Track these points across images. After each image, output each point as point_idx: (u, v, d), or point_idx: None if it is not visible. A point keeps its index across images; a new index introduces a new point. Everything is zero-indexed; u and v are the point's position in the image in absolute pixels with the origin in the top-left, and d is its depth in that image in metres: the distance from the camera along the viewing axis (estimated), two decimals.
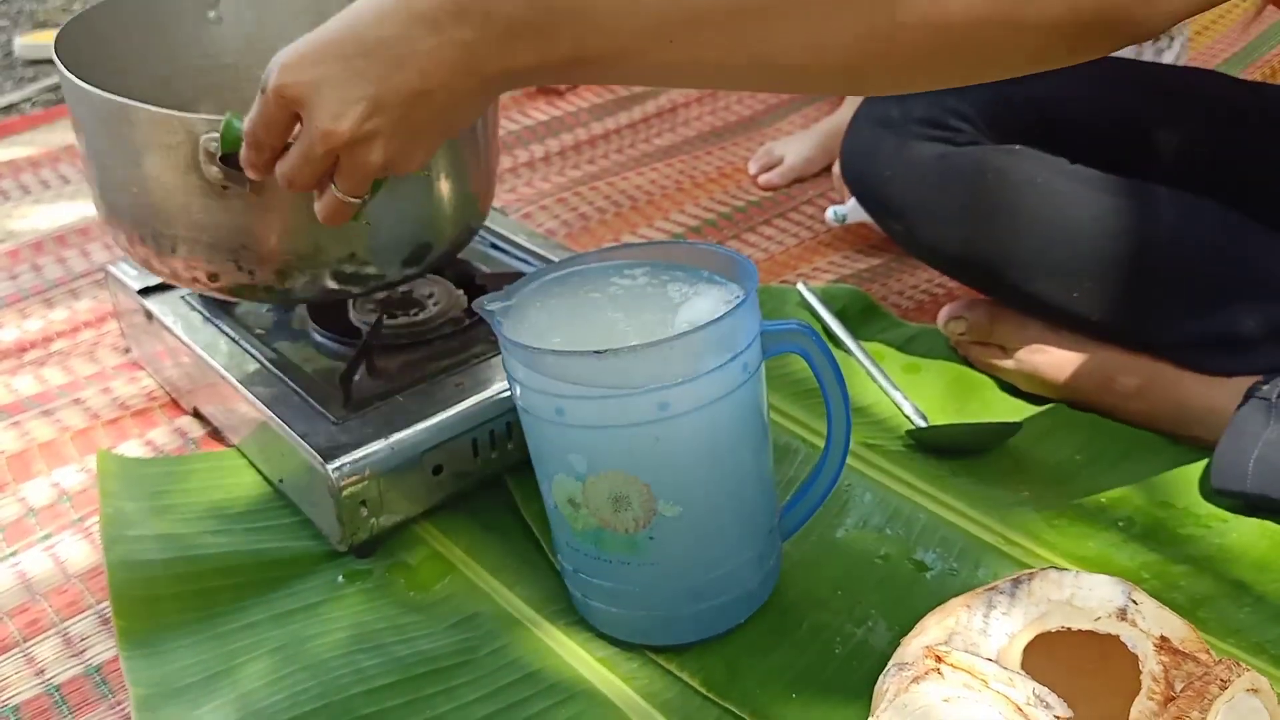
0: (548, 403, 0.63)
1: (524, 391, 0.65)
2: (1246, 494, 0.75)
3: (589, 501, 0.64)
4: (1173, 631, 0.50)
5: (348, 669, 0.68)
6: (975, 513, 0.77)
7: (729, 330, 0.62)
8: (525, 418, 0.66)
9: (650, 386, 0.61)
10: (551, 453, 0.65)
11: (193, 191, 0.72)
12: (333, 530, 0.75)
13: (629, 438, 0.62)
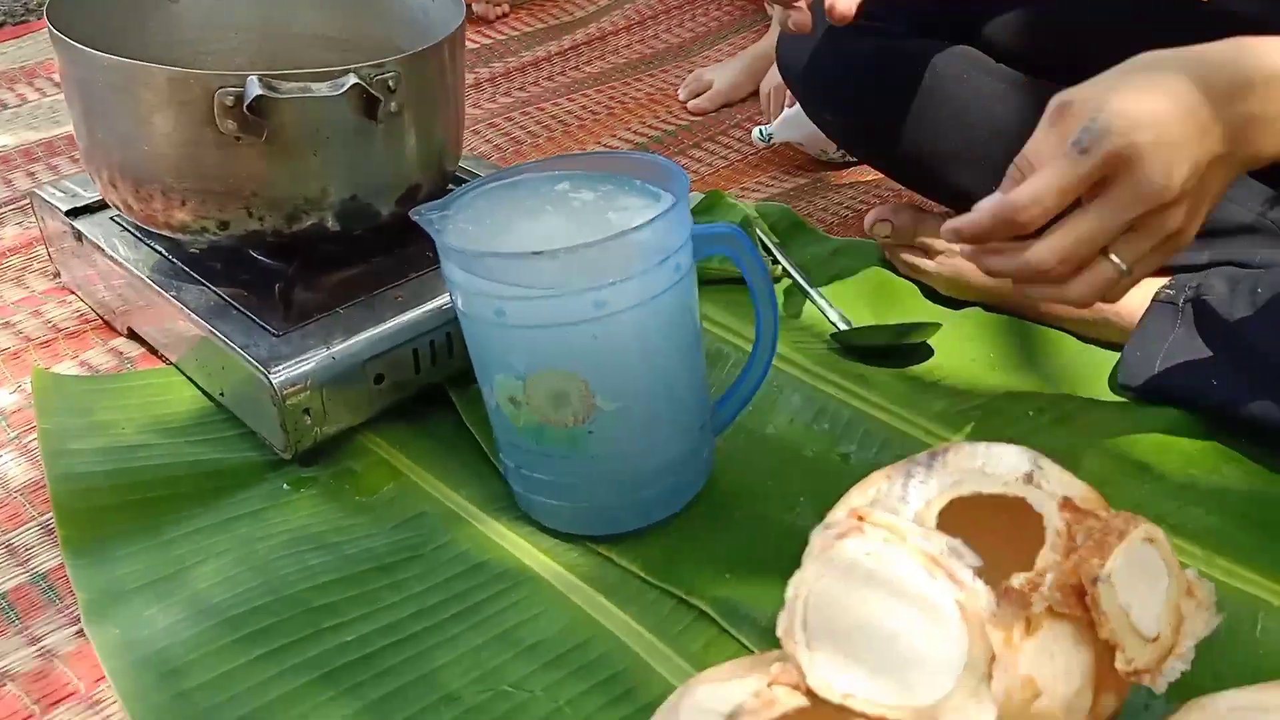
0: (487, 305, 0.65)
1: (464, 296, 0.66)
2: (1151, 392, 0.80)
3: (530, 399, 0.66)
4: (1075, 492, 0.54)
5: (295, 567, 0.70)
6: (896, 407, 0.81)
7: (661, 232, 0.65)
8: (465, 321, 0.68)
9: (587, 286, 0.63)
10: (492, 354, 0.67)
11: (207, 144, 0.75)
12: (277, 439, 0.77)
13: (567, 336, 0.65)
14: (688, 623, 0.66)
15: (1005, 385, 0.83)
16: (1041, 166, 0.56)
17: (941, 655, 0.44)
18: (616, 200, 0.70)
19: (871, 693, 0.43)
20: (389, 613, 0.67)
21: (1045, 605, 0.49)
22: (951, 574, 0.45)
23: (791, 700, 0.44)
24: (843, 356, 0.87)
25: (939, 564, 0.46)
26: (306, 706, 0.61)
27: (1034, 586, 0.49)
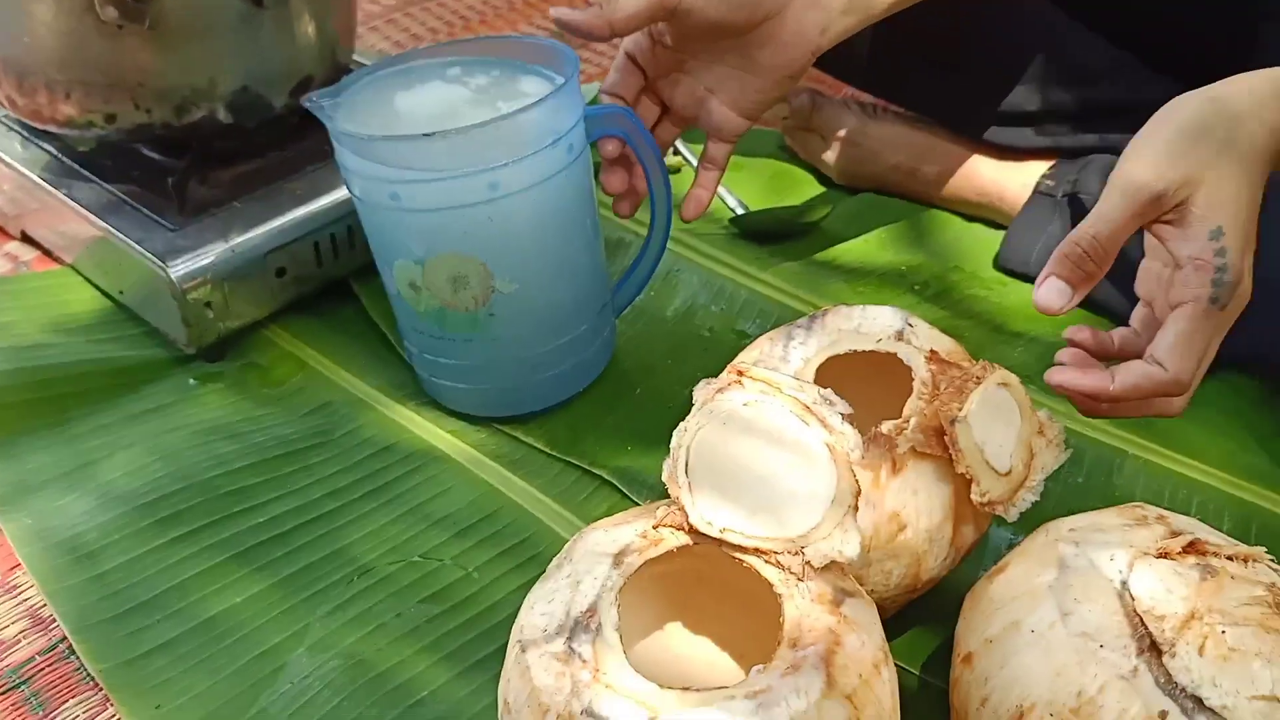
0: (382, 189, 0.65)
1: (358, 182, 0.67)
2: (1029, 276, 0.84)
3: (429, 283, 0.67)
4: (941, 346, 0.58)
5: (205, 456, 0.71)
6: (790, 287, 0.84)
7: (552, 112, 0.66)
8: (362, 208, 0.69)
9: (479, 168, 0.64)
10: (390, 239, 0.68)
11: (89, 34, 0.73)
12: (179, 334, 0.77)
13: (463, 219, 0.66)
14: (590, 490, 0.69)
15: (894, 263, 0.87)
16: (1179, 310, 0.53)
17: (811, 492, 0.47)
18: (508, 84, 0.70)
19: (748, 527, 0.47)
20: (300, 495, 0.69)
21: (909, 446, 0.52)
22: (822, 420, 0.49)
23: (675, 539, 0.48)
24: (741, 240, 0.90)
25: (811, 411, 0.49)
26: (220, 584, 0.63)
27: (900, 431, 0.53)
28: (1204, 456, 0.70)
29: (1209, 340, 0.53)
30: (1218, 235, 0.52)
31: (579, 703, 0.42)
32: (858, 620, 0.45)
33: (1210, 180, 0.52)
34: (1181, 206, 0.52)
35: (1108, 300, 0.78)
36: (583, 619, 0.45)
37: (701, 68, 0.70)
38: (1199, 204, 0.52)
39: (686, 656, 0.54)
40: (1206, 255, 0.52)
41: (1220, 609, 0.45)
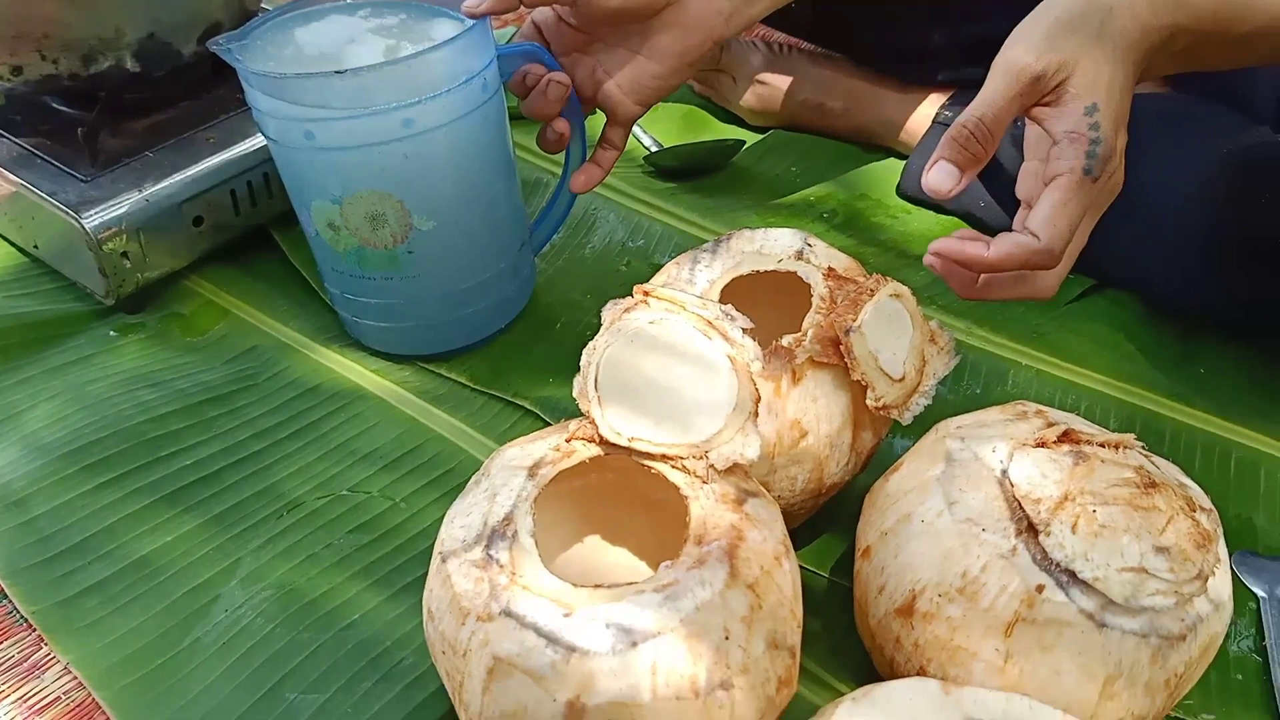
0: (296, 129, 0.66)
1: (272, 123, 0.68)
2: (928, 203, 0.87)
3: (347, 222, 0.69)
4: (838, 263, 0.60)
5: (130, 404, 0.72)
6: (704, 220, 0.87)
7: (465, 50, 0.67)
8: (277, 149, 0.70)
9: (393, 104, 0.65)
10: (306, 180, 0.69)
11: None
12: (97, 285, 0.77)
13: (379, 156, 0.66)
14: (513, 421, 0.71)
15: (803, 194, 0.90)
16: (1053, 182, 0.54)
17: (714, 400, 0.50)
18: (417, 26, 0.71)
19: (655, 435, 0.49)
20: (227, 437, 0.70)
21: (808, 357, 0.55)
22: (724, 333, 0.51)
23: (587, 450, 0.50)
24: (656, 178, 0.92)
25: (713, 326, 0.51)
26: (150, 525, 0.64)
27: (799, 343, 0.56)
28: (1090, 365, 0.74)
29: (1082, 212, 0.54)
30: (1092, 111, 0.53)
31: (497, 604, 0.44)
32: (759, 517, 0.48)
33: (1085, 64, 0.54)
34: (1059, 89, 0.54)
35: (992, 220, 0.81)
36: (499, 527, 0.47)
37: (603, 49, 0.72)
38: (1075, 84, 0.53)
39: (605, 564, 0.57)
40: (1081, 129, 0.53)
41: (1091, 490, 0.49)
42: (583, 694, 0.43)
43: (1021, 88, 0.54)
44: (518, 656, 0.43)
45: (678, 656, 0.43)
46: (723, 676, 0.44)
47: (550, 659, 0.43)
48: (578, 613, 0.44)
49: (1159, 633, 0.47)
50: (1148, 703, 0.48)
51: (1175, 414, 0.71)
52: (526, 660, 0.43)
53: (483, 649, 0.44)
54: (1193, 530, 0.48)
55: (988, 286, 0.58)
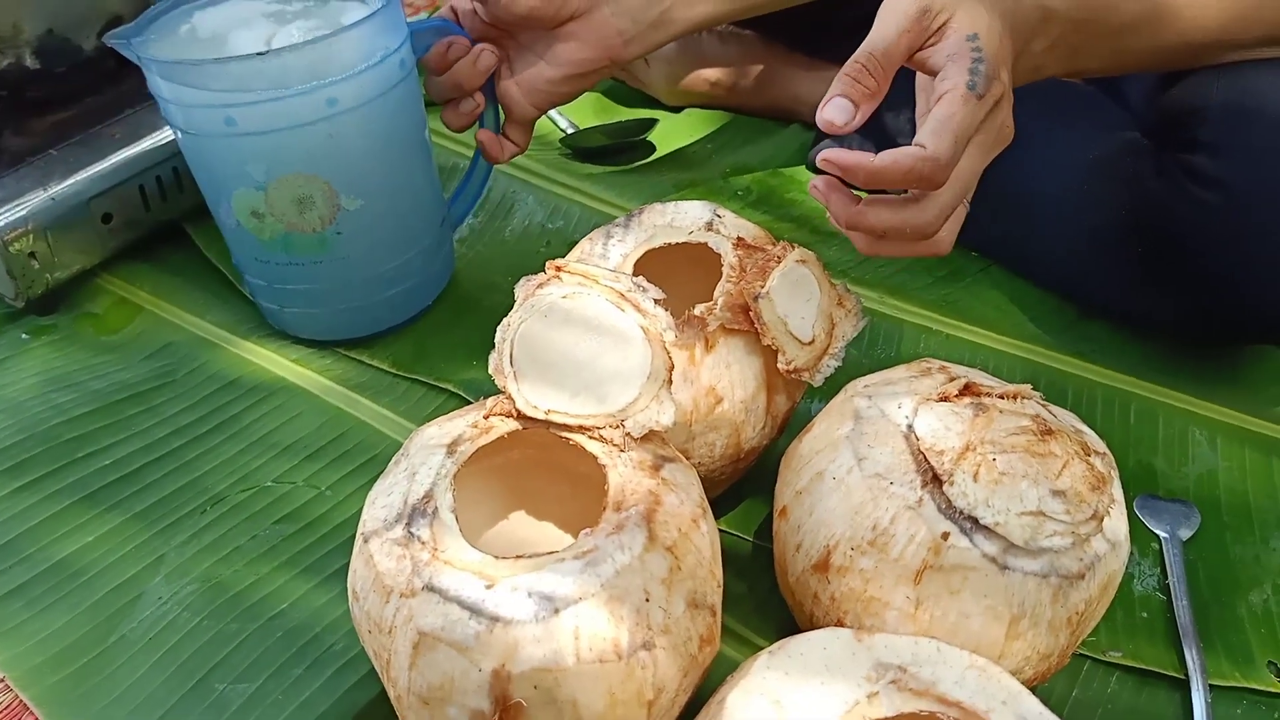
0: (215, 115, 0.65)
1: (185, 112, 0.67)
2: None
3: (273, 208, 0.68)
4: (747, 232, 0.62)
5: (44, 406, 0.71)
6: (621, 200, 0.88)
7: (381, 27, 0.66)
8: (191, 141, 0.69)
9: (317, 84, 0.64)
10: (227, 168, 0.68)
11: None
12: (6, 288, 0.76)
13: (304, 137, 0.66)
14: (437, 404, 0.72)
15: (718, 171, 0.91)
16: (940, 99, 0.53)
17: (628, 371, 0.51)
18: (318, 9, 0.70)
19: (572, 407, 0.50)
20: (146, 435, 0.69)
21: (719, 324, 0.57)
22: (636, 305, 0.52)
23: (505, 426, 0.51)
24: (574, 160, 0.93)
25: (625, 298, 0.52)
26: (70, 526, 0.64)
27: (710, 311, 0.57)
28: (996, 328, 0.77)
29: (969, 128, 0.53)
30: (974, 38, 0.54)
31: (419, 580, 0.45)
32: (676, 482, 0.49)
33: (965, 6, 0.55)
34: (942, 29, 0.55)
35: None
36: (420, 505, 0.48)
37: (514, 47, 0.73)
38: (956, 20, 0.54)
39: (530, 538, 0.58)
40: (963, 50, 0.53)
41: (991, 440, 0.51)
42: (508, 662, 0.43)
43: (909, 22, 0.54)
44: (442, 630, 0.44)
45: (599, 620, 0.44)
46: (645, 637, 0.45)
47: (474, 630, 0.44)
48: (500, 584, 0.45)
49: (1059, 572, 0.49)
50: (1052, 640, 0.50)
51: (1077, 370, 0.74)
52: (451, 633, 0.44)
53: (407, 625, 0.45)
54: (1088, 473, 0.50)
55: (882, 241, 0.57)
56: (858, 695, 0.43)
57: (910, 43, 0.55)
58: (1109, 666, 0.57)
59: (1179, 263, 0.69)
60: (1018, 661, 0.49)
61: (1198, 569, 0.62)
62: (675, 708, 0.48)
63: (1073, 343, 0.75)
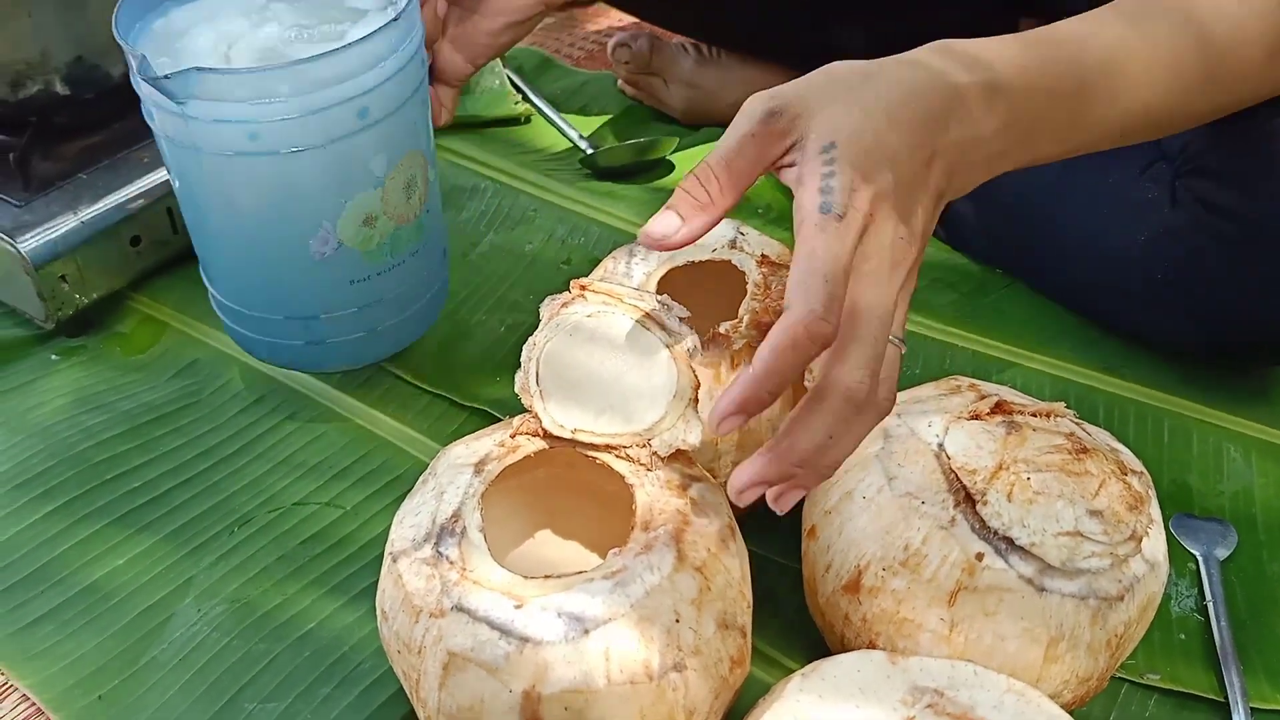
0: (343, 115, 0.60)
1: (290, 125, 0.59)
2: None
3: (388, 204, 0.65)
4: (771, 250, 0.61)
5: (74, 429, 0.71)
6: (641, 220, 0.88)
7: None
8: (280, 163, 0.60)
9: (406, 49, 0.61)
10: (341, 178, 0.62)
11: None
12: (36, 310, 0.77)
13: (412, 113, 0.64)
14: (460, 422, 0.72)
15: None
16: (796, 234, 0.43)
17: (654, 389, 0.50)
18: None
19: (598, 426, 0.50)
20: (173, 456, 0.70)
21: (744, 342, 0.56)
22: (661, 323, 0.52)
23: (532, 445, 0.51)
24: (593, 179, 0.93)
25: (650, 316, 0.52)
26: (101, 549, 0.64)
27: (735, 329, 0.57)
28: (1024, 343, 0.76)
29: (836, 260, 0.41)
30: (829, 149, 0.44)
31: (449, 600, 0.45)
32: (704, 501, 0.49)
33: (830, 110, 0.45)
34: (800, 142, 0.45)
35: None
36: (448, 524, 0.47)
37: (444, 4, 0.73)
38: (814, 126, 0.45)
39: (557, 557, 0.58)
40: (813, 166, 0.43)
41: (1025, 459, 0.50)
42: (538, 683, 0.43)
43: (753, 125, 0.45)
44: (472, 650, 0.44)
45: (630, 641, 0.44)
46: (675, 659, 0.44)
47: (504, 650, 0.43)
48: (529, 604, 0.44)
49: (1097, 594, 0.48)
50: (1091, 663, 0.49)
51: (1107, 386, 0.73)
52: (480, 653, 0.44)
53: (437, 645, 0.45)
54: (1125, 493, 0.50)
55: (798, 439, 0.43)
56: (894, 719, 0.42)
57: (759, 152, 0.46)
58: (1147, 689, 0.57)
59: (1199, 290, 0.69)
60: (1056, 685, 0.49)
61: (1235, 589, 0.61)
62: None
63: (1102, 358, 0.75)
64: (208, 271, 0.70)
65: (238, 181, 0.62)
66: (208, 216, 0.66)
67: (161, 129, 0.63)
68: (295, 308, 0.67)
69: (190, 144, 0.61)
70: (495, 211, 0.89)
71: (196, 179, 0.64)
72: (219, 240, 0.67)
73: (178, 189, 0.67)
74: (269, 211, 0.63)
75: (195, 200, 0.66)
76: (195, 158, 0.62)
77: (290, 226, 0.63)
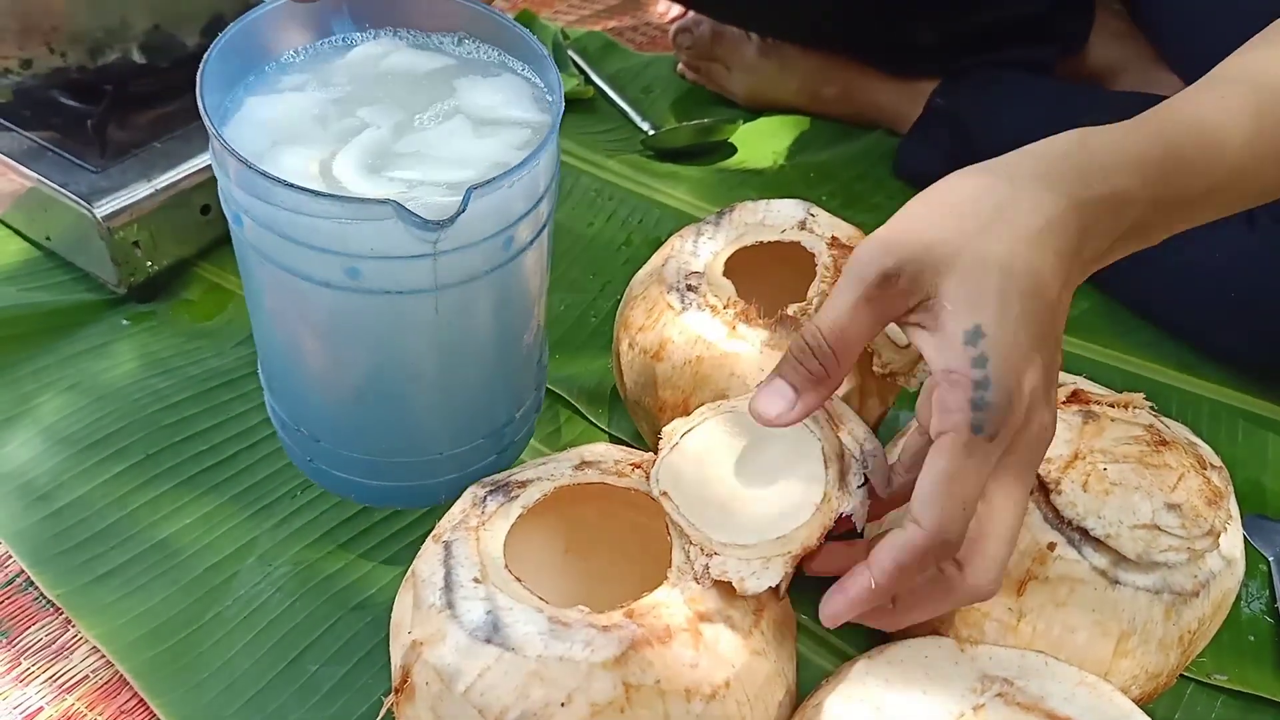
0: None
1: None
2: (927, 183, 0.88)
3: None
4: (841, 232, 0.61)
5: (144, 392, 0.72)
6: (703, 201, 0.87)
7: None
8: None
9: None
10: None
11: None
12: (109, 274, 0.78)
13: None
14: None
15: (802, 174, 0.90)
16: (935, 441, 0.40)
17: (772, 515, 0.45)
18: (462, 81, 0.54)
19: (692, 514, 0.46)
20: (239, 421, 0.70)
21: None
22: (840, 473, 0.46)
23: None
24: (655, 160, 0.93)
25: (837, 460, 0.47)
26: (168, 509, 0.65)
27: (804, 312, 0.56)
28: (1096, 337, 0.76)
29: (979, 481, 0.39)
30: (974, 338, 0.39)
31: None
32: (709, 641, 0.43)
33: (963, 265, 0.39)
34: (930, 301, 0.40)
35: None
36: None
37: None
38: (949, 296, 0.39)
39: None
40: (962, 366, 0.39)
41: (1102, 449, 0.49)
42: (426, 646, 0.43)
43: (867, 289, 0.41)
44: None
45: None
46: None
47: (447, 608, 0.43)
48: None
49: (1172, 589, 0.47)
50: (1162, 659, 0.48)
51: (1180, 383, 0.72)
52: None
53: None
54: (1204, 487, 0.49)
55: (908, 609, 0.43)
56: (963, 707, 0.42)
57: (876, 317, 0.41)
58: (1214, 690, 0.55)
59: (1270, 312, 0.68)
60: (1124, 680, 0.48)
61: None
62: None
63: (1175, 354, 0.73)
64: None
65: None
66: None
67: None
68: (493, 419, 0.58)
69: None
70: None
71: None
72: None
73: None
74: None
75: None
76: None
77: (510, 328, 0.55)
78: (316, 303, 0.49)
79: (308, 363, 0.54)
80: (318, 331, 0.52)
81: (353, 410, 0.54)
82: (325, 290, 0.48)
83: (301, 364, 0.55)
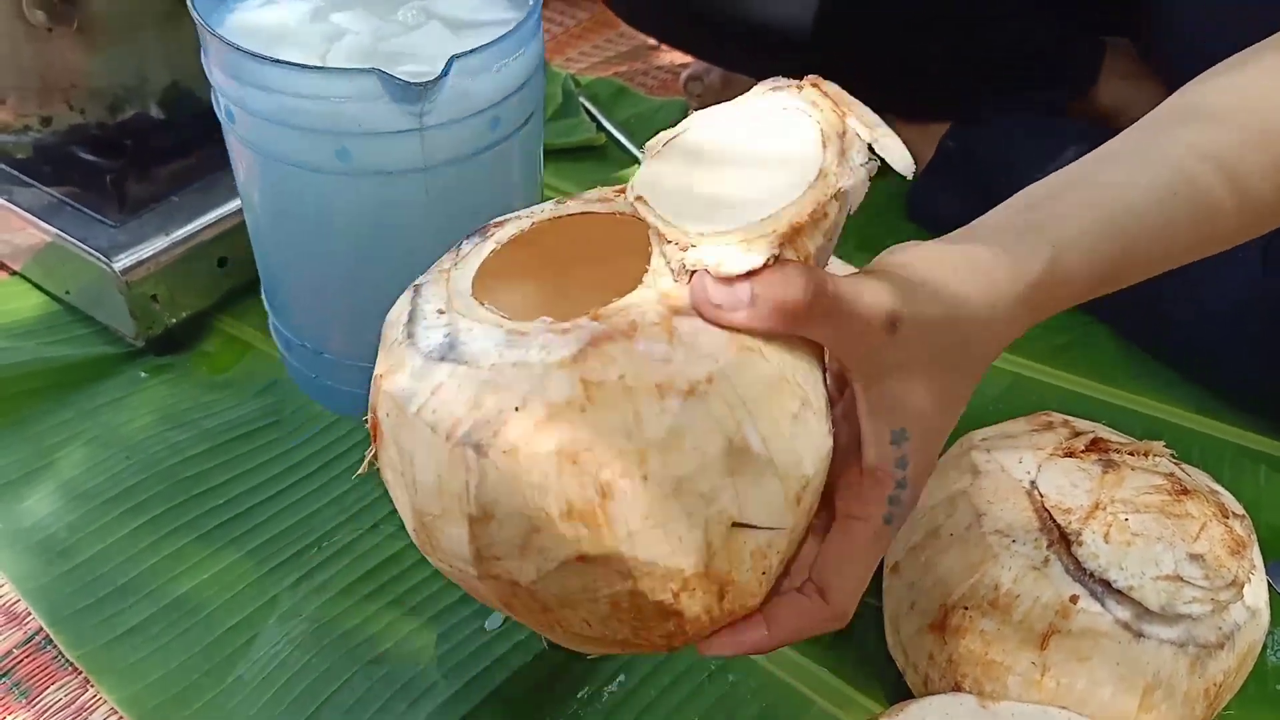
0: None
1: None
2: (937, 226, 0.88)
3: None
4: None
5: (162, 445, 0.73)
6: None
7: None
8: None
9: None
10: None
11: (18, 38, 0.75)
12: (128, 328, 0.79)
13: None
14: None
15: None
16: (845, 525, 0.42)
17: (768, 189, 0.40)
18: None
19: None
20: (257, 473, 0.71)
21: None
22: (840, 150, 0.42)
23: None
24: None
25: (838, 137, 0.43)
26: (188, 564, 0.65)
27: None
28: (1114, 381, 0.75)
29: (874, 563, 0.42)
30: (900, 439, 0.41)
31: None
32: (684, 334, 0.37)
33: (915, 381, 0.41)
34: (867, 383, 0.40)
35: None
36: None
37: None
38: (888, 391, 0.40)
39: None
40: (886, 465, 0.41)
41: (1123, 499, 0.49)
42: (385, 375, 0.39)
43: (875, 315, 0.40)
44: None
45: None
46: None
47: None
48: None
49: (1196, 641, 0.47)
50: (1187, 713, 0.48)
51: (1202, 427, 0.71)
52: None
53: None
54: (1226, 536, 0.48)
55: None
56: None
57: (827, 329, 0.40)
58: None
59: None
60: None
61: None
62: None
63: (1195, 397, 0.73)
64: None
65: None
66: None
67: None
68: None
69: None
70: None
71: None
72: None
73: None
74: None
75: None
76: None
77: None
78: (309, 191, 0.53)
79: (304, 263, 0.59)
80: (311, 224, 0.54)
81: (349, 307, 0.57)
82: (316, 176, 0.50)
83: (297, 264, 0.59)
